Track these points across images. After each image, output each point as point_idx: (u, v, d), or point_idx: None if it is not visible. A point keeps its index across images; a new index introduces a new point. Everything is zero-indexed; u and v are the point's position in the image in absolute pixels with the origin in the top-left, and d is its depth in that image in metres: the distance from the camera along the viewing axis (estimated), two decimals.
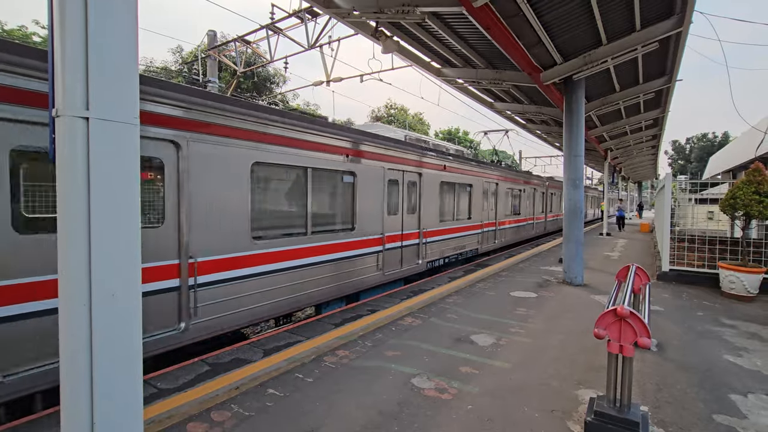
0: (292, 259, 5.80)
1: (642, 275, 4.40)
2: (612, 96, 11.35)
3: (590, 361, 4.38)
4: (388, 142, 7.97)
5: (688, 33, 7.30)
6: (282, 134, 5.54)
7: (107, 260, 1.84)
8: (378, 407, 3.38)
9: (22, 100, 3.28)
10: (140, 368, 2.00)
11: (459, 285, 7.95)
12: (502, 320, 5.81)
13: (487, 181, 12.63)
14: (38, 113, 3.36)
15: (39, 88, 3.36)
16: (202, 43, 14.11)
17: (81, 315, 1.78)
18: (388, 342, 4.91)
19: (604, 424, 2.83)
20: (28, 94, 3.32)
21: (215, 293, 4.73)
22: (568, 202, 8.67)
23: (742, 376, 4.09)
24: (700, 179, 11.81)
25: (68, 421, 1.81)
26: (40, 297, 3.37)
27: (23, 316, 3.28)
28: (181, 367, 4.20)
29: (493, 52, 8.48)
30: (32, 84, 3.33)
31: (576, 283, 8.36)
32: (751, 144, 11.52)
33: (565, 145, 8.83)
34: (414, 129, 43.80)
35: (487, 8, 6.10)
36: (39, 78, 3.36)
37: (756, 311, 6.59)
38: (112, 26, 1.85)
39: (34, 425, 3.15)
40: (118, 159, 1.87)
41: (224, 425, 3.09)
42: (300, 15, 10.80)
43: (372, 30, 7.51)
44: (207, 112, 4.59)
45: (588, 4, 6.39)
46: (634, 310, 2.81)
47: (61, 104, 1.75)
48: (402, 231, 8.39)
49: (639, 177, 46.14)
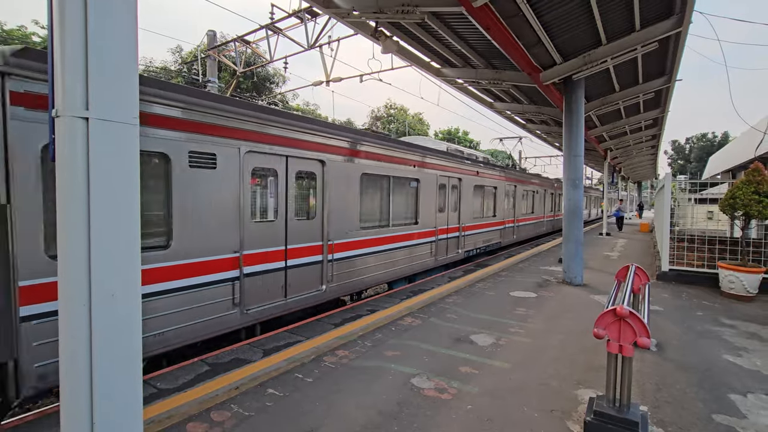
0: (380, 245, 7.64)
1: (641, 275, 4.40)
2: (612, 96, 11.36)
3: (590, 361, 4.38)
4: (439, 154, 9.75)
5: (688, 33, 7.31)
6: (377, 152, 7.44)
7: (107, 260, 1.84)
8: (377, 407, 3.39)
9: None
10: (140, 368, 2.00)
11: (459, 285, 7.96)
12: (502, 320, 5.81)
13: (508, 184, 14.25)
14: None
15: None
16: (202, 43, 14.10)
17: (81, 315, 1.78)
18: (388, 342, 4.91)
19: (604, 423, 2.84)
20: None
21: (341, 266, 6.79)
22: (568, 202, 8.68)
23: (742, 376, 4.09)
24: (700, 179, 11.81)
25: (68, 421, 1.81)
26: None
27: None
28: (180, 367, 4.20)
29: (493, 52, 8.48)
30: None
31: (576, 283, 8.36)
32: (751, 144, 11.53)
33: (564, 145, 8.83)
34: (414, 129, 43.78)
35: (486, 8, 6.10)
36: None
37: (755, 311, 6.60)
38: (112, 26, 1.85)
39: (34, 425, 3.15)
40: (117, 159, 1.88)
41: (224, 425, 3.09)
42: (300, 15, 10.80)
43: (372, 30, 7.50)
44: (340, 139, 6.53)
45: (587, 4, 6.39)
46: (633, 310, 2.81)
47: (60, 104, 1.75)
48: (447, 225, 10.14)
49: (639, 177, 46.15)
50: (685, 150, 71.48)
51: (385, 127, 43.11)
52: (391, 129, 42.59)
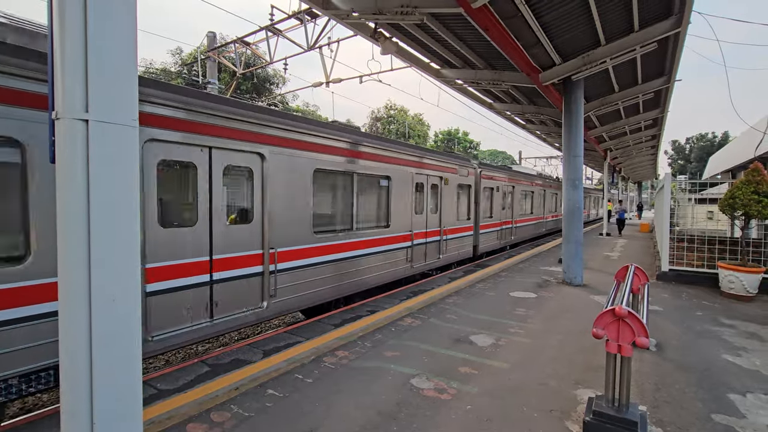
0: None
1: (641, 275, 4.41)
2: (611, 96, 11.36)
3: (589, 361, 4.38)
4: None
5: (687, 33, 7.32)
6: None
7: (107, 264, 1.85)
8: (377, 407, 3.39)
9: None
10: (140, 369, 2.01)
11: (459, 285, 7.96)
12: (502, 320, 5.82)
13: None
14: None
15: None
16: (202, 44, 14.12)
17: (81, 317, 1.79)
18: (388, 342, 4.92)
19: (603, 423, 2.84)
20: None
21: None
22: (567, 202, 8.68)
23: (741, 376, 4.10)
24: (700, 179, 11.81)
25: (68, 422, 1.82)
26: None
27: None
28: (180, 368, 4.20)
29: (492, 53, 8.49)
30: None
31: (575, 283, 8.36)
32: (751, 144, 11.53)
33: (564, 145, 8.84)
34: (414, 130, 43.79)
35: (485, 9, 6.11)
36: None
37: (755, 311, 6.60)
38: (112, 29, 1.86)
39: (35, 426, 3.15)
40: (117, 161, 1.89)
41: (224, 426, 3.10)
42: (299, 16, 10.83)
43: (371, 31, 7.52)
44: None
45: (586, 4, 6.40)
46: (632, 310, 2.82)
47: (60, 106, 1.76)
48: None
49: (639, 177, 46.15)
50: (686, 150, 71.41)
51: (385, 128, 43.13)
52: (391, 130, 42.60)
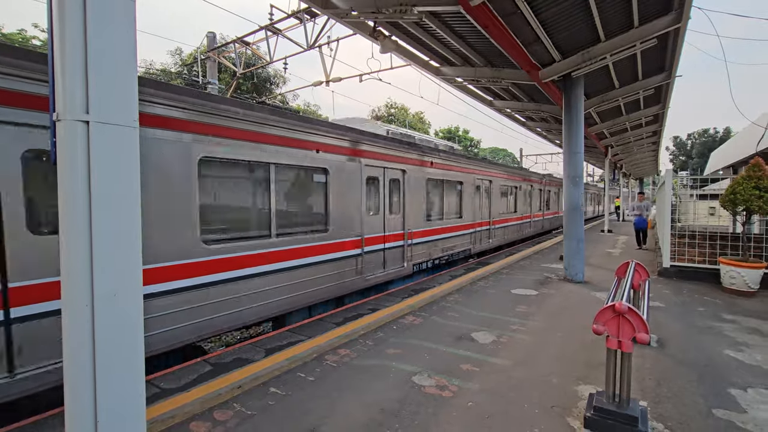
0: (250, 266, 5.38)
1: (641, 271, 4.41)
2: (611, 92, 11.33)
3: (590, 357, 4.39)
4: (366, 136, 7.71)
5: (687, 28, 7.29)
6: (238, 126, 5.15)
7: (109, 262, 1.87)
8: (379, 405, 3.41)
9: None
10: (142, 368, 2.02)
11: (460, 283, 7.97)
12: (503, 318, 5.83)
13: (480, 178, 13.27)
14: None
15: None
16: (202, 44, 14.13)
17: (83, 316, 1.81)
18: (390, 340, 4.93)
19: (604, 419, 2.85)
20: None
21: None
22: (568, 198, 8.67)
23: (742, 371, 4.10)
24: (701, 175, 11.80)
25: (72, 422, 1.84)
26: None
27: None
28: (183, 367, 4.23)
29: (492, 51, 8.48)
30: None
31: (577, 280, 8.36)
32: (752, 139, 11.48)
33: (564, 142, 8.82)
34: (414, 128, 43.77)
35: (484, 7, 6.10)
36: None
37: (757, 306, 6.59)
38: (111, 30, 1.87)
39: (39, 425, 3.18)
40: (118, 161, 1.90)
41: (227, 424, 3.12)
42: (299, 16, 10.83)
43: (370, 30, 7.52)
44: (152, 103, 4.34)
45: (585, 1, 6.38)
46: (632, 306, 2.82)
47: (61, 108, 1.78)
48: (384, 232, 8.26)
49: (640, 173, 45.95)
50: (687, 146, 71.13)
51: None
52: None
